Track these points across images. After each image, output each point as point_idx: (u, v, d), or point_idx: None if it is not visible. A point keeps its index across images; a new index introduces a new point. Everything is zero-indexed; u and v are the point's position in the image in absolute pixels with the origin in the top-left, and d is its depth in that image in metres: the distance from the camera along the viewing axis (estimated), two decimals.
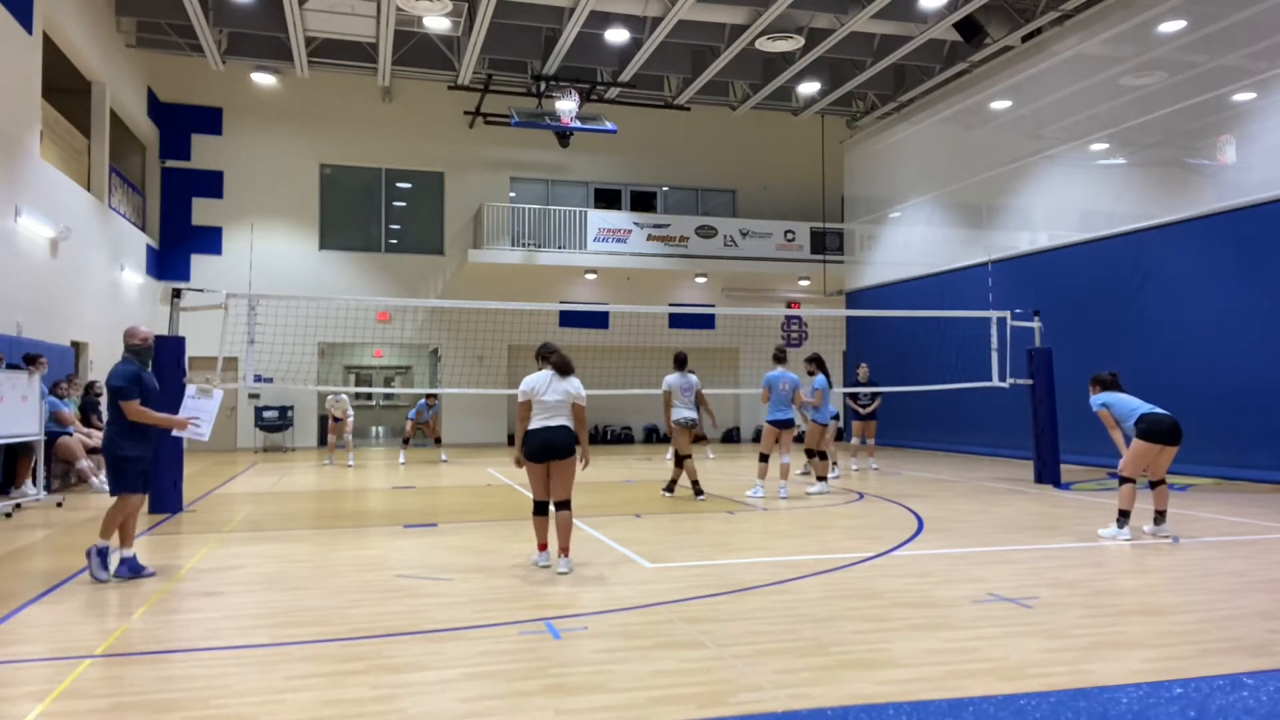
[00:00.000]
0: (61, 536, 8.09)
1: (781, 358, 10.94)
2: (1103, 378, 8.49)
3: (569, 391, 6.39)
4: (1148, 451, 7.80)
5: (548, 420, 6.31)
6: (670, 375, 10.74)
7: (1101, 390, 8.34)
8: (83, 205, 15.70)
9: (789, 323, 23.96)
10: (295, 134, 21.44)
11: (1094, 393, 8.40)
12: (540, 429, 6.29)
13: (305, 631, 4.78)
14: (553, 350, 6.55)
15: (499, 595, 5.62)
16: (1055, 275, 15.77)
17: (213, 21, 17.70)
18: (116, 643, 4.59)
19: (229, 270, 19.83)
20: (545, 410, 6.33)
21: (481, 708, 3.62)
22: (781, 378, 10.67)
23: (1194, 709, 3.55)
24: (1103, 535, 7.76)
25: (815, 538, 7.91)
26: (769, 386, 10.68)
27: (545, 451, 6.27)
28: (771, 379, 10.71)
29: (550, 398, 6.34)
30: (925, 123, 20.41)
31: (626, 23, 17.91)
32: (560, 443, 6.27)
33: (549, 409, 6.33)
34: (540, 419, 6.32)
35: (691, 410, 10.73)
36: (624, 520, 8.95)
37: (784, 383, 10.63)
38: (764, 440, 10.89)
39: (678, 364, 10.85)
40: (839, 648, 4.43)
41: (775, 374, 10.72)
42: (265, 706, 3.64)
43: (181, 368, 9.88)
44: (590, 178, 23.52)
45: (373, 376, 28.75)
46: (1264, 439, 11.87)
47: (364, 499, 11.34)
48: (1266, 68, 12.66)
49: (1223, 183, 13.30)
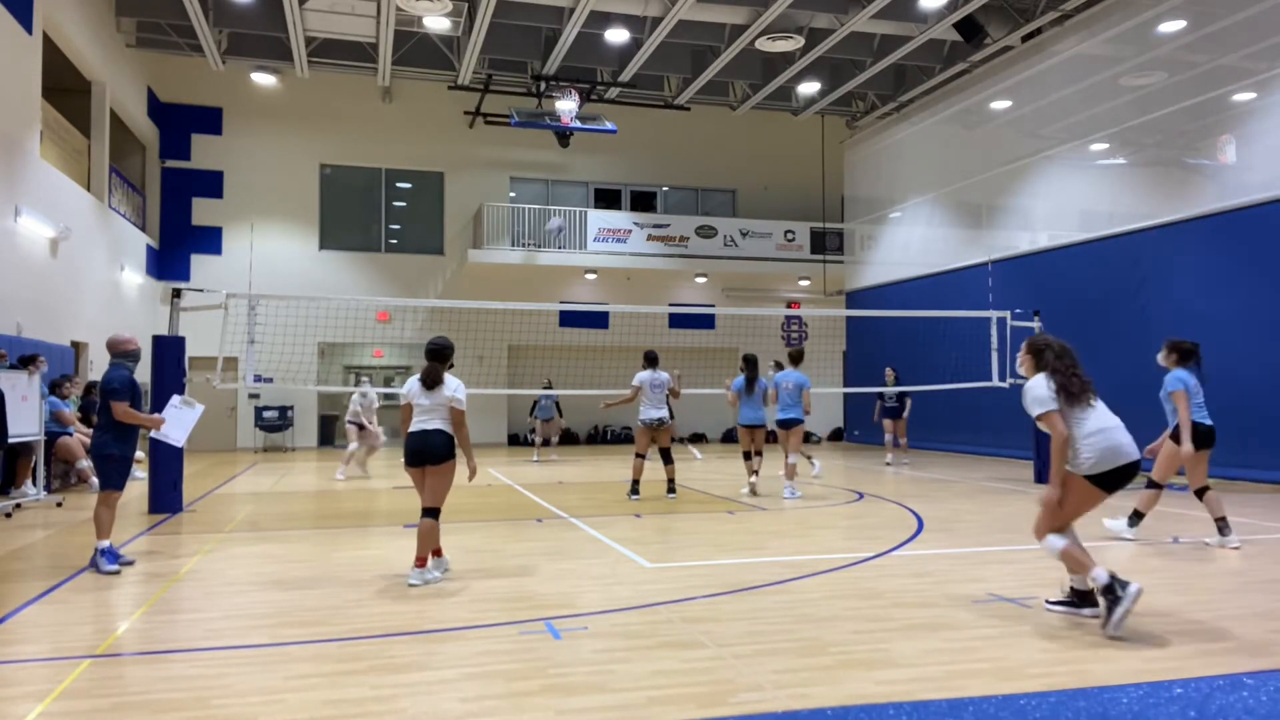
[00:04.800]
0: (61, 536, 8.09)
1: (797, 358, 11.04)
2: (1185, 346, 7.01)
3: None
4: (1196, 460, 6.96)
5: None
6: (642, 372, 10.64)
7: (1182, 363, 7.00)
8: (83, 205, 15.70)
9: (789, 323, 23.96)
10: (295, 134, 21.44)
11: (1170, 364, 7.06)
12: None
13: (305, 631, 4.78)
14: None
15: (499, 595, 5.61)
16: (1055, 275, 15.77)
17: (213, 21, 17.69)
18: (116, 643, 4.60)
19: (229, 270, 19.83)
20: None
21: (481, 708, 3.61)
22: (785, 377, 10.75)
23: (1194, 709, 3.55)
24: (1109, 525, 7.53)
25: (815, 538, 7.91)
26: (775, 386, 10.83)
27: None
28: (776, 379, 10.86)
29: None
30: (925, 123, 20.41)
31: (626, 23, 17.91)
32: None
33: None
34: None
35: (661, 409, 10.52)
36: (624, 520, 8.95)
37: (787, 382, 10.69)
38: (779, 440, 11.11)
39: (649, 362, 10.71)
40: (839, 648, 4.42)
41: (781, 374, 10.88)
42: (265, 706, 3.64)
43: (181, 368, 9.88)
44: (590, 178, 23.53)
45: (373, 376, 28.71)
46: (1264, 439, 11.86)
47: (364, 499, 11.33)
48: (1266, 68, 12.66)
49: (1223, 183, 13.30)
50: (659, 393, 10.55)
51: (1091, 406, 4.88)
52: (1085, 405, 4.86)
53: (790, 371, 10.85)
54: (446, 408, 6.03)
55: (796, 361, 10.98)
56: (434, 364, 6.12)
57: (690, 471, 13.62)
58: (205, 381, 10.88)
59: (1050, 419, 4.81)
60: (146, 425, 6.73)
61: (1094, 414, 4.87)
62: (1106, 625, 4.54)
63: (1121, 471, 4.77)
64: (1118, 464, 4.74)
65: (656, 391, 10.53)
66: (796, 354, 11.07)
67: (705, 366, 19.35)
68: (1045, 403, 4.85)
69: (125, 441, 6.52)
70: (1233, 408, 12.31)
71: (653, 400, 10.49)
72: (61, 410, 11.51)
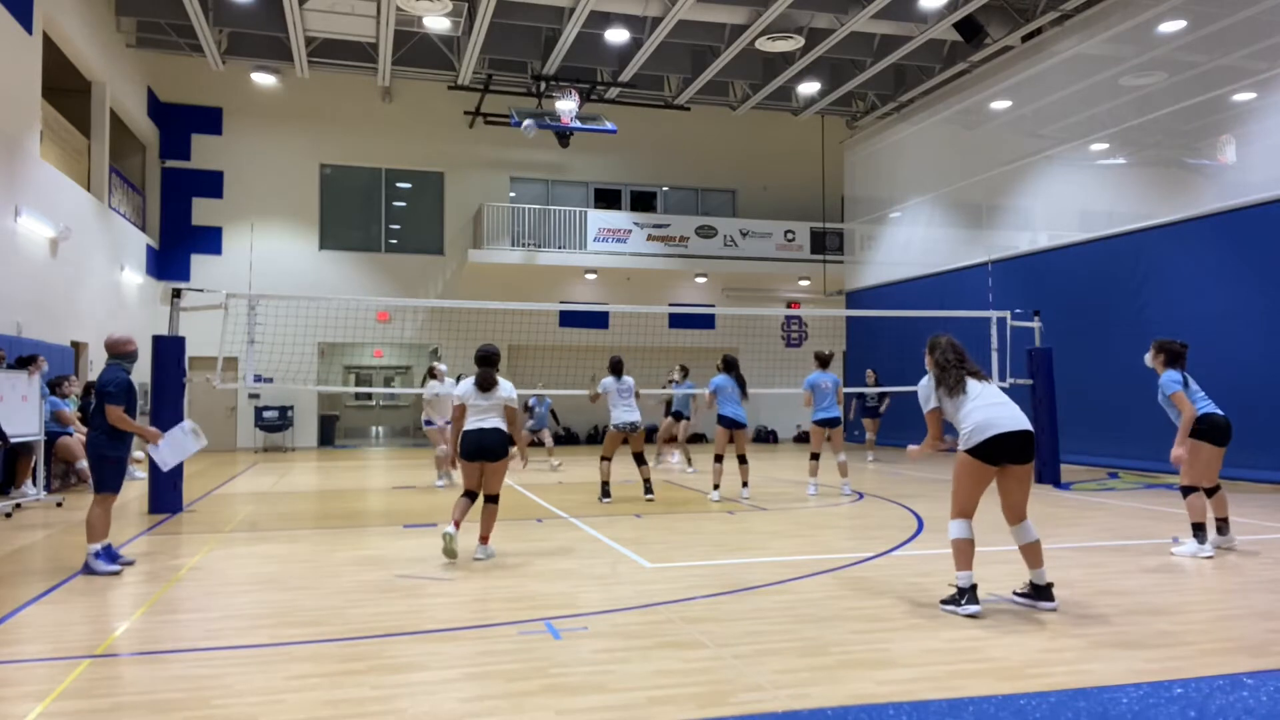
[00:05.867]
0: (61, 536, 8.09)
1: (825, 361, 11.24)
2: (1174, 347, 6.87)
3: None
4: (1213, 456, 6.78)
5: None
6: (606, 379, 10.47)
7: (1170, 365, 6.86)
8: (83, 205, 15.70)
9: (789, 323, 23.96)
10: (295, 134, 21.44)
11: (1158, 366, 6.92)
12: None
13: (305, 631, 4.78)
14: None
15: (499, 595, 5.62)
16: (1055, 275, 15.77)
17: (213, 21, 17.70)
18: (116, 643, 4.60)
19: (229, 270, 19.82)
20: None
21: (481, 708, 3.61)
22: (822, 378, 11.01)
23: (1194, 709, 3.55)
24: (1178, 553, 6.78)
25: (815, 538, 7.91)
26: (812, 388, 11.00)
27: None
28: (812, 381, 11.05)
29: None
30: (925, 123, 20.40)
31: (626, 23, 17.91)
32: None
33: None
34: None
35: (634, 413, 10.29)
36: (624, 520, 8.95)
37: (825, 383, 10.97)
38: (813, 440, 11.29)
39: (613, 370, 10.49)
40: (839, 648, 4.42)
41: (816, 375, 11.08)
42: (265, 706, 3.64)
43: (181, 368, 9.88)
44: (590, 178, 23.53)
45: (373, 376, 28.75)
46: (1264, 439, 11.85)
47: (364, 499, 11.34)
48: (1266, 68, 12.65)
49: (1223, 183, 13.29)
50: (628, 395, 10.33)
51: (965, 394, 5.23)
52: (961, 393, 5.24)
53: (827, 373, 11.12)
54: (501, 407, 6.74)
55: (826, 364, 11.25)
56: (486, 369, 6.81)
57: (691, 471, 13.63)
58: (205, 381, 10.88)
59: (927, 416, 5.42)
60: (140, 435, 6.58)
61: (974, 396, 5.22)
62: (943, 604, 5.09)
63: (1002, 440, 5.04)
64: (993, 433, 5.04)
65: (625, 395, 10.31)
66: (828, 357, 11.35)
67: (705, 367, 19.33)
68: (927, 402, 5.41)
69: (121, 443, 6.44)
70: (1232, 408, 12.26)
71: (623, 404, 10.28)
72: (62, 410, 11.51)
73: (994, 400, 5.23)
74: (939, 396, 5.34)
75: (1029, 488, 5.27)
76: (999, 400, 5.26)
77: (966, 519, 5.20)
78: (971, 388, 5.27)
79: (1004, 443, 5.05)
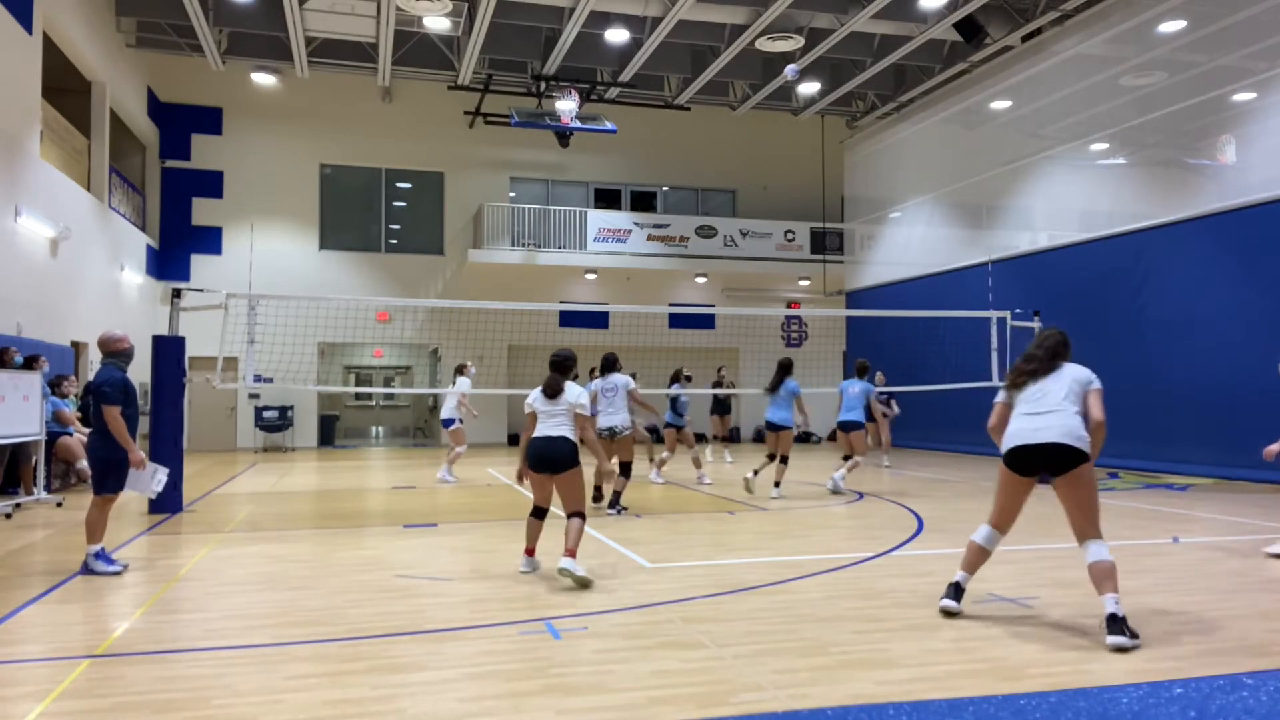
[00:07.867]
0: (61, 536, 8.09)
1: (858, 369, 11.97)
2: (861, 364, 8.00)
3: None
4: None
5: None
6: (592, 381, 9.93)
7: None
8: (83, 205, 15.70)
9: (789, 323, 23.96)
10: (295, 134, 21.44)
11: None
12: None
13: (305, 631, 4.78)
14: None
15: (499, 595, 5.61)
16: (1055, 275, 15.77)
17: (213, 21, 17.69)
18: (116, 643, 4.59)
19: (229, 270, 19.81)
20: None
21: (481, 708, 3.61)
22: (846, 384, 11.67)
23: (1194, 709, 3.55)
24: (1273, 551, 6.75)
25: (815, 538, 7.91)
26: (841, 393, 11.66)
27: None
28: (840, 386, 11.81)
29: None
30: (925, 123, 20.41)
31: (626, 23, 17.91)
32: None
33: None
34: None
35: (612, 418, 9.52)
36: (624, 520, 8.95)
37: (851, 389, 11.55)
38: (839, 441, 11.89)
39: (603, 367, 9.94)
40: (839, 648, 4.43)
41: (844, 382, 11.81)
42: (265, 706, 3.63)
43: (181, 368, 9.88)
44: (590, 178, 23.53)
45: (373, 376, 28.76)
46: (1264, 439, 11.78)
47: (364, 499, 11.34)
48: (1266, 68, 12.66)
49: (1223, 183, 13.30)
50: (611, 396, 9.63)
51: (1020, 397, 5.08)
52: (1018, 395, 5.12)
53: (856, 380, 11.66)
54: (569, 414, 6.22)
55: (860, 372, 11.88)
56: (556, 375, 6.35)
57: (689, 471, 13.61)
58: (205, 381, 10.89)
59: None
60: (126, 448, 6.31)
61: (1021, 401, 5.07)
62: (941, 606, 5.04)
63: (1018, 454, 4.91)
64: (1009, 445, 4.96)
65: (609, 396, 9.63)
66: (861, 366, 12.08)
67: (705, 367, 19.36)
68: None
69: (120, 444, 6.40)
70: (1232, 407, 12.35)
71: (606, 407, 9.57)
72: (62, 410, 11.51)
73: (1031, 410, 4.94)
74: (1009, 394, 5.17)
75: (1076, 504, 4.78)
76: (1037, 409, 4.91)
77: (991, 526, 5.08)
78: (1025, 392, 5.04)
79: (1027, 455, 4.86)
